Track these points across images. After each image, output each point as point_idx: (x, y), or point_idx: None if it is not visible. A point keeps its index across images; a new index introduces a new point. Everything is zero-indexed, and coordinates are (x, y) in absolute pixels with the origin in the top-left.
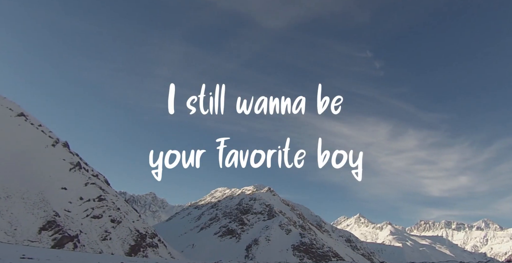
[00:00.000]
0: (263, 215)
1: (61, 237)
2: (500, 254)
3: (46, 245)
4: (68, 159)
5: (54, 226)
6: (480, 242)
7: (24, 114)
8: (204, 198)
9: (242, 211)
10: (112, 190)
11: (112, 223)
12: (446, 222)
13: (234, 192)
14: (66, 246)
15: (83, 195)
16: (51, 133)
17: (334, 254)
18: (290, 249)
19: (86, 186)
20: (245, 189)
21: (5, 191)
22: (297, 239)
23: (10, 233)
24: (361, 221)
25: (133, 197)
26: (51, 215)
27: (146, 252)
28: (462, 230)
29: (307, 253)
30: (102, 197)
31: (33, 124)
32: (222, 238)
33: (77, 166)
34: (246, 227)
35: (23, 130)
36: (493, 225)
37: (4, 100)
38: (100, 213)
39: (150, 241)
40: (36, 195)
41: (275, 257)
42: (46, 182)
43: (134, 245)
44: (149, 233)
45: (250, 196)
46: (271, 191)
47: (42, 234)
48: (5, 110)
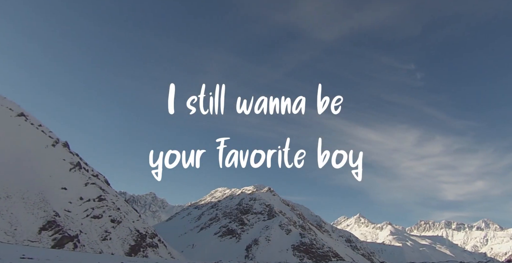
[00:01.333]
0: (263, 215)
1: (61, 237)
2: (500, 254)
3: (46, 245)
4: (68, 159)
5: (54, 226)
6: (480, 242)
7: (24, 114)
8: (204, 198)
9: (242, 211)
10: (112, 190)
11: (112, 223)
12: (446, 222)
13: (234, 192)
14: (66, 246)
15: (83, 195)
16: (51, 133)
17: (334, 254)
18: (290, 249)
19: (86, 186)
20: (245, 189)
21: (5, 191)
22: (297, 239)
23: (10, 233)
24: (361, 221)
25: (133, 197)
26: (51, 215)
27: (146, 252)
28: (462, 230)
29: (307, 253)
30: (102, 197)
31: (33, 124)
32: (222, 238)
33: (77, 166)
34: (246, 227)
35: (23, 130)
36: (493, 225)
37: (4, 100)
38: (100, 213)
39: (150, 241)
40: (36, 195)
41: (275, 257)
42: (46, 182)
43: (134, 245)
44: (149, 233)
45: (250, 196)
46: (271, 191)
47: (42, 234)
48: (5, 110)
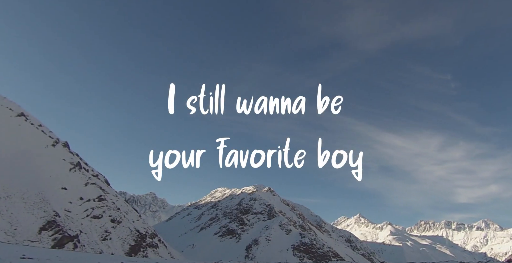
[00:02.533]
0: (263, 215)
1: (61, 237)
2: (500, 254)
3: (46, 245)
4: (68, 159)
5: (54, 226)
6: (480, 242)
7: (24, 114)
8: (204, 198)
9: (242, 211)
10: (112, 190)
11: (112, 223)
12: (446, 222)
13: (234, 192)
14: (66, 246)
15: (83, 195)
16: (51, 132)
17: (334, 254)
18: (290, 249)
19: (86, 186)
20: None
21: (5, 191)
22: (297, 239)
23: (10, 233)
24: (361, 221)
25: (133, 197)
26: (51, 215)
27: (146, 252)
28: (462, 230)
29: (307, 253)
30: (102, 197)
31: (33, 124)
32: (222, 238)
33: (77, 166)
34: (246, 227)
35: (23, 130)
36: (493, 225)
37: (4, 100)
38: (100, 213)
39: (150, 241)
40: (36, 195)
41: (275, 257)
42: (46, 182)
43: (134, 245)
44: (149, 233)
45: (250, 196)
46: (271, 191)
47: (42, 234)
48: (5, 110)
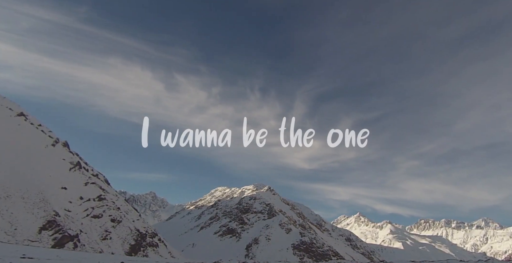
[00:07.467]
0: (263, 214)
1: (61, 237)
2: (500, 252)
3: (46, 244)
4: (68, 158)
5: (54, 226)
6: (480, 241)
7: (24, 114)
8: (204, 197)
9: (242, 210)
10: (112, 189)
11: (112, 222)
12: (446, 221)
13: (234, 191)
14: (66, 245)
15: (83, 195)
16: (51, 132)
17: (334, 253)
18: (290, 248)
19: (86, 186)
20: (245, 188)
21: (5, 191)
22: (297, 238)
23: (10, 233)
24: (361, 220)
25: (133, 196)
26: (51, 214)
27: (146, 251)
28: (462, 229)
29: (307, 252)
30: (102, 196)
31: (33, 124)
32: (222, 237)
33: (77, 166)
34: (246, 226)
35: (23, 130)
36: (493, 223)
37: (4, 100)
38: (100, 213)
39: (150, 241)
40: (36, 195)
41: (275, 256)
42: (46, 182)
43: (134, 244)
44: (149, 232)
45: (250, 195)
46: (271, 190)
47: (42, 234)
48: (5, 110)
